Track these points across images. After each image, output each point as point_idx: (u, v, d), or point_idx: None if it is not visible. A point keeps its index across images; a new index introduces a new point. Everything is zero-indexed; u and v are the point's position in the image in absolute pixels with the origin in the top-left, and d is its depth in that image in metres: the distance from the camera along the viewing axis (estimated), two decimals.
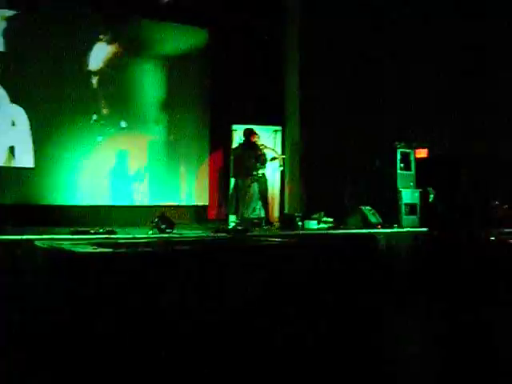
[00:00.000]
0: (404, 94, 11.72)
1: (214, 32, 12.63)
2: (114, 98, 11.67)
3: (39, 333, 4.49)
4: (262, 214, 10.77)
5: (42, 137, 10.85)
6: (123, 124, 11.67)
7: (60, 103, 11.01)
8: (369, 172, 11.81)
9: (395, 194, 11.42)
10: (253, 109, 12.39)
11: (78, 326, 4.04)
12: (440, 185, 11.41)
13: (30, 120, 10.73)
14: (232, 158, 11.44)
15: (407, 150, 11.79)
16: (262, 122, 12.33)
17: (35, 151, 10.74)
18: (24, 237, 6.89)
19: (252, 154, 10.84)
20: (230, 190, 11.27)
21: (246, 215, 10.50)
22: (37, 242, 5.36)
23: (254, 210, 10.57)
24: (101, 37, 11.55)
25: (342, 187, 11.82)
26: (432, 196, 11.39)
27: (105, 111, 11.56)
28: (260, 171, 10.91)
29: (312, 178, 12.18)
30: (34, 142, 10.74)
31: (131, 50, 11.85)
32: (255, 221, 10.50)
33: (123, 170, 11.71)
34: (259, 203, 10.70)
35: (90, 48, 11.43)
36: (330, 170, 11.89)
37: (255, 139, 10.98)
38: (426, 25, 11.57)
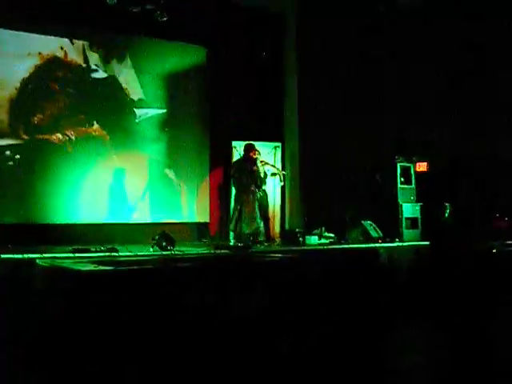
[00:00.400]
0: (404, 103, 11.71)
1: (212, 49, 12.68)
2: (113, 115, 11.71)
3: (41, 350, 4.48)
4: (261, 230, 10.69)
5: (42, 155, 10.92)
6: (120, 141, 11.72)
7: (59, 120, 11.07)
8: (369, 186, 11.82)
9: (396, 209, 11.42)
10: (252, 125, 12.41)
11: (79, 344, 4.04)
12: (440, 198, 11.40)
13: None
14: (231, 173, 11.47)
15: (407, 164, 11.82)
16: (262, 139, 12.36)
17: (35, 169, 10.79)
18: (25, 255, 6.89)
19: (249, 170, 10.82)
20: (231, 206, 11.26)
21: (243, 231, 10.47)
22: (38, 261, 5.36)
23: (252, 225, 10.53)
24: (99, 53, 11.60)
25: (343, 203, 11.81)
26: (448, 211, 11.32)
27: (105, 129, 11.59)
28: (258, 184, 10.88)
29: (312, 193, 12.17)
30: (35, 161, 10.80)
31: (130, 67, 11.90)
32: (251, 237, 10.36)
33: (124, 188, 11.72)
34: (258, 219, 10.64)
35: (88, 64, 11.49)
36: (330, 185, 11.89)
37: (256, 155, 10.98)
38: (425, 25, 11.57)
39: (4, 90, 10.65)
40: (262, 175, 10.99)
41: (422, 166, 12.06)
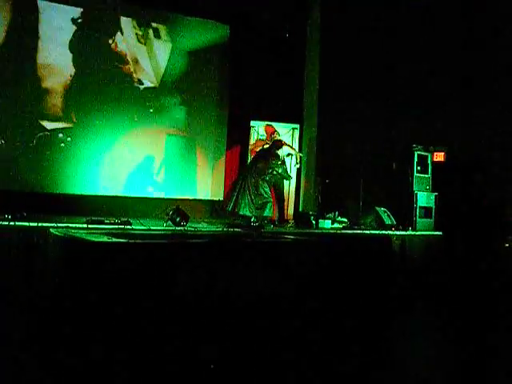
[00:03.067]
0: (423, 93, 11.59)
1: (235, 28, 12.63)
2: (134, 91, 11.73)
3: (50, 317, 4.53)
4: (268, 214, 10.69)
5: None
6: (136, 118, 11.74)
7: (80, 94, 11.13)
8: (385, 173, 11.77)
9: (411, 197, 11.38)
10: (272, 106, 12.38)
11: (88, 312, 4.07)
12: (456, 189, 11.33)
13: None
14: (251, 154, 11.52)
15: (425, 153, 11.75)
16: (281, 119, 12.34)
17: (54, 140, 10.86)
18: (39, 224, 6.94)
19: (267, 155, 10.90)
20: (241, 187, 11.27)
21: (250, 213, 10.49)
22: (52, 230, 5.39)
23: (260, 208, 10.55)
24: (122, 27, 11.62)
25: (357, 189, 11.77)
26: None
27: (125, 104, 11.63)
28: (276, 170, 10.89)
29: (327, 177, 12.14)
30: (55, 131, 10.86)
31: (152, 43, 11.90)
32: (256, 221, 10.10)
33: (140, 163, 11.76)
34: (268, 203, 10.66)
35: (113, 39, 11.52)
36: (345, 170, 11.87)
37: (275, 135, 11.11)
38: (444, 23, 11.45)
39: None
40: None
41: (439, 156, 11.97)
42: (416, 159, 11.57)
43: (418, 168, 11.62)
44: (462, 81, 11.43)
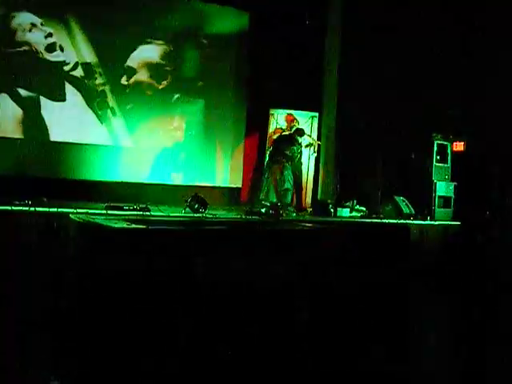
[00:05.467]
0: (445, 82, 11.49)
1: (255, 15, 12.60)
2: (152, 75, 11.78)
3: (70, 303, 4.58)
4: (288, 202, 10.71)
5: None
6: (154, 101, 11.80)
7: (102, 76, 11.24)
8: (404, 162, 11.72)
9: (430, 186, 11.33)
10: (291, 93, 12.35)
11: (106, 295, 4.11)
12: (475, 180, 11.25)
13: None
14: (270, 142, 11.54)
15: (444, 143, 11.67)
16: (300, 107, 12.31)
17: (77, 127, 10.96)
18: (59, 210, 7.00)
19: (288, 143, 10.94)
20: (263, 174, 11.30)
21: (275, 199, 10.50)
22: (71, 216, 5.44)
23: (282, 195, 10.57)
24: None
25: (376, 177, 11.74)
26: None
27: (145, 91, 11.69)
28: (295, 155, 10.92)
29: (346, 165, 12.12)
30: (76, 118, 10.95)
31: (173, 28, 11.93)
32: (271, 208, 9.80)
33: (160, 150, 11.81)
34: (288, 191, 10.67)
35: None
36: (364, 159, 11.83)
37: (294, 123, 11.14)
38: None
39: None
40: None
41: (459, 146, 11.89)
42: (436, 148, 11.50)
43: (438, 157, 11.55)
44: (484, 69, 11.32)
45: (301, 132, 11.26)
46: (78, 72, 11.03)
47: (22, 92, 10.50)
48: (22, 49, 10.45)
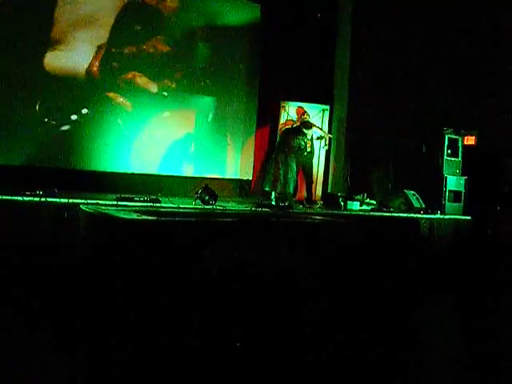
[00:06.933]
0: (455, 75, 11.43)
1: (266, 7, 12.58)
2: (164, 67, 11.78)
3: (80, 292, 4.61)
4: (290, 192, 10.69)
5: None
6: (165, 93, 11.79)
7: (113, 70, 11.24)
8: (415, 156, 11.68)
9: (440, 181, 11.29)
10: (302, 86, 12.34)
11: (116, 288, 4.13)
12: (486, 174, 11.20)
13: None
14: (280, 134, 11.52)
15: (455, 137, 11.62)
16: (311, 100, 12.30)
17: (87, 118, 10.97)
18: (70, 200, 7.02)
19: (294, 134, 10.90)
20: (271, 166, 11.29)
21: (281, 191, 10.49)
22: (82, 206, 5.47)
23: (284, 186, 10.56)
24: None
25: (387, 171, 11.72)
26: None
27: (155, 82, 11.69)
28: (305, 148, 10.90)
29: (357, 159, 12.11)
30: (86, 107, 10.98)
31: (183, 21, 11.92)
32: (283, 199, 9.89)
33: (170, 142, 11.83)
34: (291, 182, 10.66)
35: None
36: (374, 152, 11.81)
37: (305, 116, 11.11)
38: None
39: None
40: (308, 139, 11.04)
41: (470, 140, 11.83)
42: (446, 142, 11.45)
43: (449, 151, 11.49)
44: (494, 63, 11.27)
45: (307, 125, 11.21)
46: None
47: None
48: None
